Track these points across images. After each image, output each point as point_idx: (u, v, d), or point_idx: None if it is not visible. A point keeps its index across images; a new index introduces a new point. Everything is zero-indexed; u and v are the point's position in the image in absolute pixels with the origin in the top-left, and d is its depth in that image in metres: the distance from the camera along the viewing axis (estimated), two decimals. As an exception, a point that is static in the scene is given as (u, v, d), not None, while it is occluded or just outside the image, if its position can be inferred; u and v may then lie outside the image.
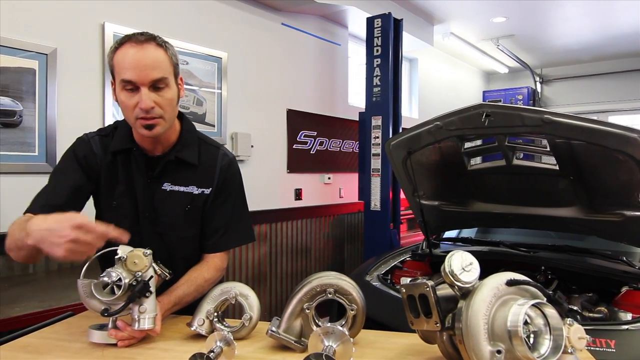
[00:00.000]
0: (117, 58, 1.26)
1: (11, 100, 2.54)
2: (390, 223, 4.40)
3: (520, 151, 2.63)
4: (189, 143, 1.43)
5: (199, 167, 1.42)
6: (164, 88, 1.27)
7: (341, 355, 0.95)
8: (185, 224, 1.42)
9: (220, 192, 1.46)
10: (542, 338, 0.86)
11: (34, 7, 2.64)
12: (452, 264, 0.89)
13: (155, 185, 1.38)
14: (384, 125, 4.31)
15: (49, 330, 1.21)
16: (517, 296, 0.88)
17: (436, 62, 6.70)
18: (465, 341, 0.85)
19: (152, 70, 1.24)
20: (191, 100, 3.46)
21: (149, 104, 1.23)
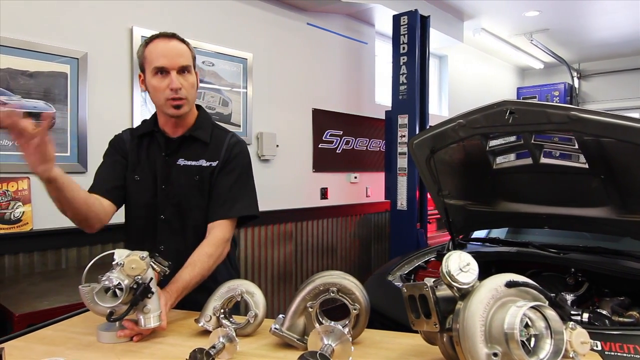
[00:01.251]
0: (148, 50, 1.49)
1: (45, 103, 2.66)
2: (417, 223, 4.35)
3: (547, 149, 2.54)
4: (203, 126, 1.61)
5: (210, 145, 1.58)
6: (187, 74, 1.49)
7: (339, 355, 0.95)
8: (195, 194, 1.55)
9: (226, 165, 1.58)
10: (543, 342, 0.83)
11: (65, 14, 2.75)
12: (449, 264, 0.88)
13: (172, 161, 1.56)
14: (410, 123, 4.26)
15: (67, 323, 1.26)
16: (517, 298, 0.86)
17: (467, 59, 6.56)
18: (461, 343, 0.83)
19: (179, 58, 1.47)
20: (217, 101, 3.52)
21: (178, 84, 1.45)
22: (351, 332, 1.09)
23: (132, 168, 1.57)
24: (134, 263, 1.12)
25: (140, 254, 1.14)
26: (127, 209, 1.60)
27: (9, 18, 2.54)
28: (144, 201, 1.55)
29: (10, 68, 2.53)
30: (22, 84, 2.57)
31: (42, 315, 1.55)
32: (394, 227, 4.43)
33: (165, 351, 1.07)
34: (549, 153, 2.56)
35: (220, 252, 1.49)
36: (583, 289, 2.54)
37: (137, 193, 1.56)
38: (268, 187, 3.86)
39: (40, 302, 1.94)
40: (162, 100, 1.48)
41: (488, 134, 2.57)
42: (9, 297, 2.03)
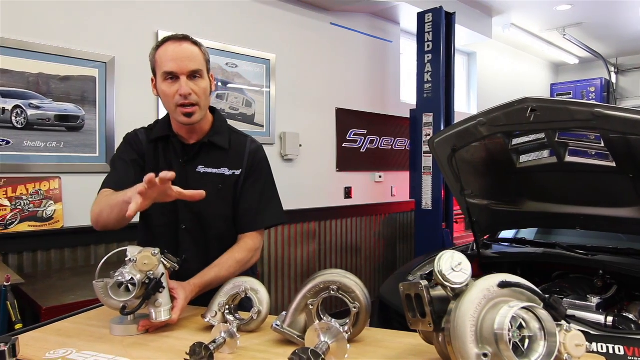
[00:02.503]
0: (159, 54, 1.43)
1: (75, 106, 2.78)
2: (443, 222, 4.29)
3: (573, 147, 2.46)
4: (220, 131, 1.56)
5: (230, 151, 1.54)
6: (199, 78, 1.43)
7: (335, 352, 0.96)
8: (218, 203, 1.51)
9: (250, 174, 1.55)
10: (536, 344, 0.82)
11: (93, 20, 2.86)
12: (441, 264, 0.87)
13: (191, 167, 1.50)
14: (435, 122, 4.21)
15: (83, 316, 1.32)
16: (510, 299, 0.84)
17: (497, 55, 6.42)
18: (452, 343, 0.83)
19: (189, 62, 1.40)
20: (240, 102, 3.58)
21: (188, 90, 1.39)
22: (351, 330, 1.10)
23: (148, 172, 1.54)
24: (146, 259, 1.17)
25: (151, 250, 1.18)
26: (145, 217, 1.55)
27: (41, 25, 2.67)
28: (163, 209, 1.47)
29: (42, 73, 2.65)
30: (53, 88, 2.69)
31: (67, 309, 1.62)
32: (418, 227, 4.39)
33: (171, 345, 1.10)
34: (575, 151, 2.49)
35: (249, 259, 1.49)
36: (611, 292, 2.45)
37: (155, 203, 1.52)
38: (291, 186, 3.90)
39: (67, 296, 2.03)
40: (173, 107, 1.43)
41: (510, 132, 2.52)
42: (39, 291, 2.14)
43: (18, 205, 2.56)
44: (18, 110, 2.57)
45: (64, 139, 2.74)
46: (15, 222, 2.54)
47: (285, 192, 3.98)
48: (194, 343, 0.96)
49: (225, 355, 1.03)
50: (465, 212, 3.05)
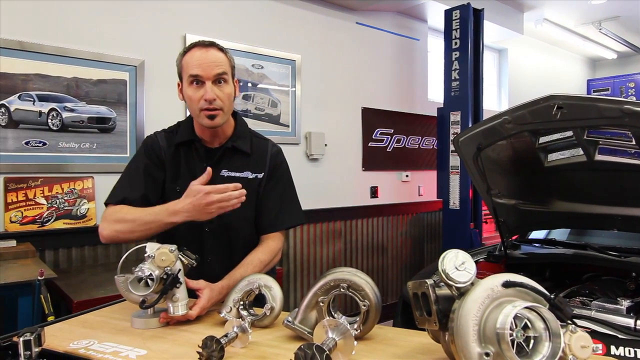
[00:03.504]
0: (186, 59, 1.46)
1: (107, 108, 2.89)
2: (471, 222, 4.23)
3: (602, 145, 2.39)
4: (242, 135, 1.59)
5: (252, 155, 1.58)
6: (224, 84, 1.46)
7: (342, 348, 0.98)
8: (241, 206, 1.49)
9: (272, 177, 1.59)
10: (541, 344, 0.81)
11: (123, 26, 2.97)
12: (444, 263, 0.87)
13: (214, 171, 1.47)
14: (463, 120, 4.15)
15: (107, 310, 1.38)
16: (515, 299, 0.84)
17: (529, 51, 6.26)
18: (455, 341, 0.83)
19: (215, 67, 1.43)
20: (266, 103, 3.63)
21: (212, 95, 1.42)
22: (361, 328, 1.11)
23: (172, 178, 1.53)
24: (163, 255, 1.21)
25: (169, 247, 1.23)
26: None
27: (76, 32, 2.79)
28: None
29: (76, 77, 2.77)
30: (86, 91, 2.81)
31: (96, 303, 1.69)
32: (446, 226, 4.34)
33: (187, 338, 1.14)
34: (605, 149, 2.41)
35: (272, 259, 1.53)
36: (644, 295, 2.36)
37: None
38: (316, 185, 3.93)
39: (97, 291, 2.12)
40: (197, 111, 1.45)
41: (537, 130, 2.47)
42: (72, 286, 2.24)
43: (54, 204, 2.68)
44: (54, 113, 2.70)
45: (96, 140, 2.85)
46: (51, 219, 2.67)
47: (310, 192, 4.03)
48: (206, 336, 0.99)
49: (237, 350, 1.06)
50: (492, 211, 3.00)
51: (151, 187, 1.51)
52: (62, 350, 1.06)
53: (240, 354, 1.05)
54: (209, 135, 1.54)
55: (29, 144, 2.63)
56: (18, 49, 2.61)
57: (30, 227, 2.60)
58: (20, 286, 1.94)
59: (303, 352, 0.88)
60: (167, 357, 1.03)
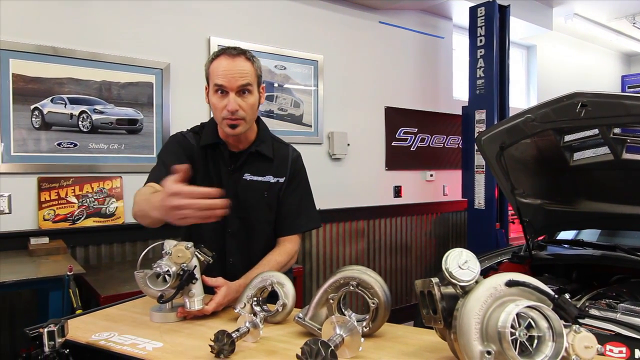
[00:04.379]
0: (212, 67, 1.49)
1: (134, 110, 2.98)
2: (496, 222, 4.16)
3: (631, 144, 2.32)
4: (265, 140, 1.63)
5: (274, 160, 1.62)
6: (247, 94, 1.48)
7: (349, 345, 0.99)
8: (263, 209, 1.60)
9: (292, 181, 1.63)
10: (544, 344, 0.81)
11: (150, 29, 3.06)
12: (448, 262, 0.88)
13: (238, 175, 1.57)
14: (488, 119, 4.09)
15: (129, 304, 1.44)
16: (519, 298, 0.83)
17: (559, 47, 6.10)
18: (458, 339, 0.84)
19: (239, 79, 1.45)
20: (289, 103, 3.67)
21: (235, 107, 1.45)
22: (370, 326, 1.13)
23: (202, 178, 1.56)
24: (180, 252, 1.26)
25: (185, 244, 1.27)
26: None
27: (105, 37, 2.89)
28: None
29: (105, 80, 2.88)
30: (114, 94, 2.91)
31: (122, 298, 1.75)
32: (471, 227, 4.28)
33: (202, 332, 1.18)
34: (633, 148, 2.34)
35: (288, 261, 1.57)
36: (675, 299, 2.28)
37: None
38: (339, 185, 3.95)
39: (123, 286, 2.20)
40: (220, 119, 1.49)
41: (561, 129, 2.42)
42: (100, 281, 2.33)
43: (84, 203, 2.79)
44: (84, 115, 2.81)
45: (124, 141, 2.95)
46: (82, 217, 2.78)
47: (333, 191, 4.06)
48: (218, 330, 1.03)
49: (249, 344, 1.09)
50: (516, 211, 2.95)
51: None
52: (84, 342, 1.11)
53: (251, 348, 1.08)
54: (233, 139, 1.57)
55: (61, 145, 2.74)
56: (52, 54, 2.72)
57: (62, 224, 2.72)
58: (51, 281, 2.04)
59: (309, 347, 0.91)
60: (182, 349, 1.07)
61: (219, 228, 1.55)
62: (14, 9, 2.63)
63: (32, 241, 2.52)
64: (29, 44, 2.65)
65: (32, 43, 2.66)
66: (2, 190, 2.59)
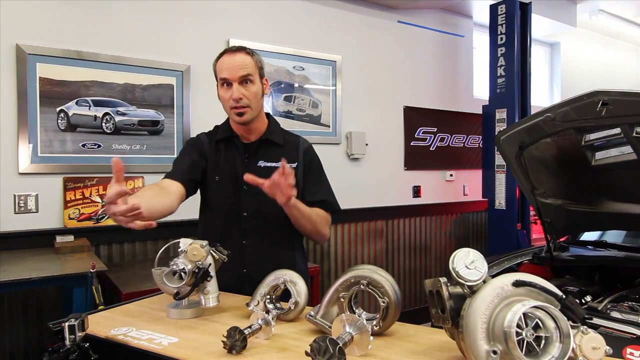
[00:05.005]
0: (217, 64, 1.66)
1: (155, 112, 3.05)
2: (518, 223, 4.11)
3: (654, 143, 2.26)
4: (275, 131, 1.75)
5: (285, 147, 1.72)
6: (250, 83, 1.61)
7: (358, 343, 1.01)
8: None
9: (310, 170, 1.74)
10: (552, 344, 0.80)
11: (170, 33, 3.13)
12: (455, 261, 0.88)
13: (252, 163, 1.68)
14: (509, 118, 4.04)
15: (148, 300, 1.48)
16: (526, 298, 0.83)
17: (584, 45, 5.97)
18: (465, 339, 0.84)
19: (240, 70, 1.59)
20: (307, 103, 3.70)
21: (238, 94, 1.59)
22: (380, 324, 1.14)
23: (212, 169, 1.70)
24: (195, 251, 1.29)
25: (200, 242, 1.31)
26: (206, 209, 1.73)
27: (127, 41, 2.97)
28: (225, 200, 1.68)
29: (127, 83, 2.95)
30: (137, 96, 2.98)
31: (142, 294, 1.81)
32: (491, 227, 4.23)
33: (216, 328, 1.21)
34: (657, 147, 2.28)
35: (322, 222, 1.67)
36: (702, 302, 2.22)
37: (218, 193, 1.69)
38: (357, 185, 3.95)
39: (144, 283, 2.26)
40: (228, 109, 1.63)
41: (582, 128, 2.37)
42: (122, 278, 2.40)
43: (108, 202, 2.86)
44: (107, 117, 2.89)
45: (146, 142, 3.02)
46: (105, 216, 2.85)
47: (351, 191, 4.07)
48: (231, 327, 1.05)
49: (261, 340, 1.12)
50: (536, 212, 2.92)
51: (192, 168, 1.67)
52: (103, 336, 1.15)
53: (263, 345, 1.10)
54: (244, 131, 1.70)
55: (85, 146, 2.83)
56: (77, 58, 2.81)
57: (87, 223, 2.80)
58: (75, 277, 2.11)
59: (317, 344, 0.93)
60: (196, 345, 1.10)
61: (235, 211, 1.67)
62: (41, 15, 2.72)
63: (58, 239, 2.61)
64: (55, 49, 2.74)
65: (58, 47, 2.75)
66: (30, 190, 2.69)
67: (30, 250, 2.56)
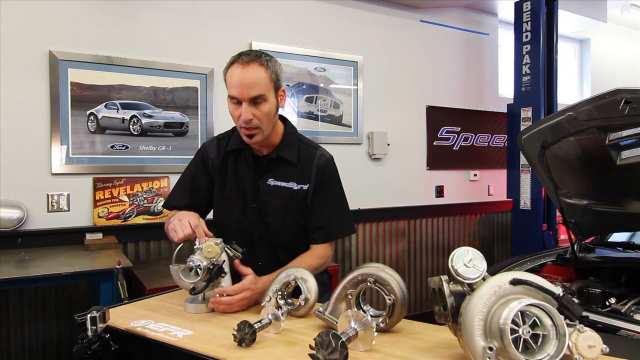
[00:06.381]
0: (227, 75, 1.48)
1: (180, 114, 3.14)
2: (543, 223, 4.03)
3: (682, 141, 2.20)
4: (289, 144, 1.61)
5: (298, 165, 1.60)
6: (261, 103, 1.46)
7: (363, 339, 1.03)
8: (286, 215, 1.60)
9: (320, 189, 1.60)
10: (548, 342, 0.81)
11: (195, 36, 3.22)
12: (454, 260, 0.90)
13: (261, 180, 1.59)
14: (534, 117, 3.97)
15: (167, 295, 1.55)
16: (522, 296, 0.85)
17: (615, 40, 5.79)
18: (463, 335, 0.86)
19: (251, 89, 1.43)
20: (328, 104, 3.73)
21: (248, 116, 1.45)
22: (387, 321, 1.16)
23: (220, 186, 1.63)
24: (210, 248, 1.35)
25: (215, 240, 1.36)
26: (217, 222, 1.67)
27: (153, 45, 3.07)
28: (234, 218, 1.61)
29: (154, 86, 3.06)
30: (162, 99, 3.08)
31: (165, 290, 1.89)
32: (516, 227, 4.17)
33: (229, 322, 1.25)
34: (685, 146, 2.22)
35: (320, 265, 1.57)
36: None
37: (227, 210, 1.63)
38: (379, 185, 3.96)
39: (167, 280, 2.34)
40: (238, 127, 1.52)
41: (605, 127, 2.32)
42: (147, 275, 2.49)
43: (135, 201, 2.98)
44: (134, 119, 2.99)
45: (171, 143, 3.12)
46: (132, 215, 2.97)
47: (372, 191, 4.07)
48: (241, 321, 1.10)
49: (271, 335, 1.16)
50: (560, 212, 2.87)
51: (195, 195, 1.67)
52: (123, 328, 1.22)
53: (272, 339, 1.14)
54: (258, 145, 1.58)
55: (114, 147, 2.94)
56: (106, 63, 2.93)
57: (115, 221, 2.92)
58: (102, 273, 2.20)
59: (321, 338, 0.96)
60: (209, 337, 1.15)
61: (247, 231, 1.60)
62: (72, 23, 2.85)
63: (88, 237, 2.73)
64: (86, 54, 2.86)
65: (89, 53, 2.87)
66: (62, 190, 2.82)
67: (61, 247, 2.69)
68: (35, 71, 2.75)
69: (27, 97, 2.74)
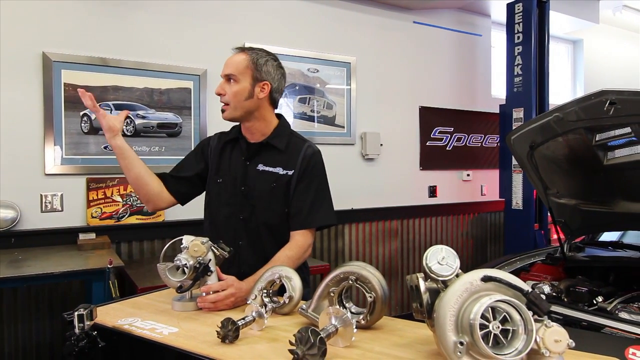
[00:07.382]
0: None
1: (173, 114, 3.17)
2: (535, 223, 4.07)
3: (666, 142, 2.23)
4: (281, 134, 1.73)
5: (286, 153, 1.70)
6: (233, 82, 1.63)
7: (342, 335, 1.06)
8: (271, 199, 1.67)
9: (304, 177, 1.68)
10: (517, 338, 0.84)
11: (188, 38, 3.24)
12: (428, 257, 0.93)
13: (252, 165, 1.70)
14: (526, 117, 4.01)
15: (155, 294, 1.57)
16: (493, 293, 0.87)
17: (608, 41, 5.83)
18: (436, 330, 0.89)
19: (227, 68, 1.65)
20: (321, 105, 3.76)
21: (219, 90, 1.65)
22: (368, 318, 1.19)
23: (214, 171, 1.74)
24: (196, 247, 1.38)
25: (201, 239, 1.39)
26: (209, 208, 1.77)
27: (147, 47, 3.09)
28: (225, 201, 1.71)
29: (147, 87, 3.08)
30: (156, 100, 3.10)
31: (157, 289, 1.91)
32: (508, 227, 4.20)
33: (215, 320, 1.27)
34: (669, 146, 2.25)
35: (300, 255, 1.62)
36: None
37: (219, 194, 1.73)
38: (372, 185, 3.99)
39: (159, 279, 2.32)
40: None
41: (592, 127, 2.36)
42: (139, 274, 2.51)
43: (128, 201, 3.00)
44: (128, 120, 3.01)
45: (164, 143, 3.14)
46: (125, 215, 2.99)
47: (365, 191, 4.09)
48: (225, 318, 1.13)
49: (254, 332, 1.19)
50: (549, 211, 2.90)
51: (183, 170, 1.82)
52: (110, 325, 1.24)
53: (255, 335, 1.17)
54: (246, 131, 1.73)
55: (107, 148, 2.96)
56: (100, 64, 2.95)
57: (108, 221, 2.94)
58: (94, 272, 2.23)
59: (301, 334, 0.98)
60: (194, 334, 1.18)
61: (233, 214, 1.69)
62: (66, 25, 2.87)
63: (81, 236, 2.75)
64: (80, 56, 2.88)
65: (82, 54, 2.89)
66: (55, 190, 2.84)
67: (54, 247, 2.71)
68: (28, 72, 2.77)
69: (21, 98, 2.76)
